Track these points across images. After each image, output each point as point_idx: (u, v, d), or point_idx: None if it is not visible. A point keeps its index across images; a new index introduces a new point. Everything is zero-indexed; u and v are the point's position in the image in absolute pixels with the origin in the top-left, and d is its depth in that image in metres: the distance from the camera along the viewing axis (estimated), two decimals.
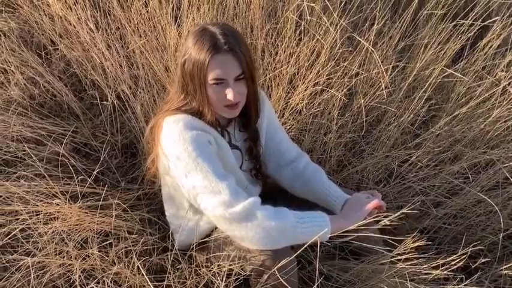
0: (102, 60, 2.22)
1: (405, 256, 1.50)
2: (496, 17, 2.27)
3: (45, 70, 2.26)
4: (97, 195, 1.76)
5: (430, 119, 2.39)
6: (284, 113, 2.18)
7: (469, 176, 2.01)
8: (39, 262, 1.51)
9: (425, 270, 1.52)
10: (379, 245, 1.60)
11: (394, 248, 1.54)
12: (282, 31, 2.27)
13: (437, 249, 1.96)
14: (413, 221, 2.01)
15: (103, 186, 1.76)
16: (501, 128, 2.18)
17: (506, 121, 2.18)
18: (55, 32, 2.41)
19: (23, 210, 1.57)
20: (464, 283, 1.52)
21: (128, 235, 1.66)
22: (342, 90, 2.17)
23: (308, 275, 1.70)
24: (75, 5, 2.37)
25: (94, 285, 1.47)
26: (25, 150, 1.84)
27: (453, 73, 2.12)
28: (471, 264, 1.72)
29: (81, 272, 1.51)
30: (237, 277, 1.45)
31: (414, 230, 1.91)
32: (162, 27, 2.29)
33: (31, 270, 1.47)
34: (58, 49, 2.40)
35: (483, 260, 1.73)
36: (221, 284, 1.42)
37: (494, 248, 1.96)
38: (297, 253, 1.36)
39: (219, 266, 1.46)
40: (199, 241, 1.55)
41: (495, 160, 2.07)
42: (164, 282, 1.50)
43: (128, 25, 2.32)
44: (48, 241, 1.56)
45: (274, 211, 1.35)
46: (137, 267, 1.51)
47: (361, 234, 1.43)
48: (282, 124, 2.07)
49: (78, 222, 1.62)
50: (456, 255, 1.51)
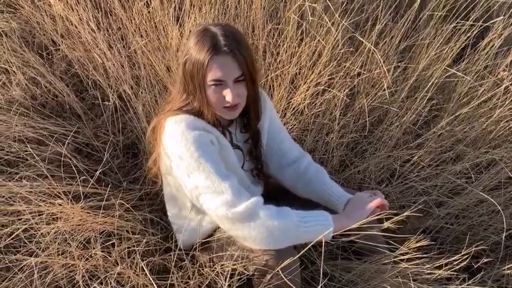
0: (103, 60, 2.22)
1: (408, 256, 1.50)
2: (498, 18, 2.27)
3: (46, 70, 2.26)
4: (99, 195, 1.76)
5: (432, 119, 2.39)
6: (286, 113, 2.18)
7: (472, 176, 2.01)
8: (42, 262, 1.51)
9: (428, 270, 1.52)
10: (381, 245, 1.59)
11: (397, 248, 1.54)
12: (284, 31, 2.27)
13: (439, 249, 1.96)
14: (415, 221, 2.01)
15: (105, 186, 1.76)
16: (503, 128, 2.19)
17: (508, 121, 2.18)
18: (56, 32, 2.41)
19: (26, 210, 1.57)
20: (467, 283, 1.52)
21: (131, 235, 1.65)
22: (344, 90, 2.17)
23: (311, 275, 1.69)
24: (76, 5, 2.37)
25: (97, 285, 1.47)
26: (27, 150, 1.84)
27: (455, 73, 2.12)
28: (473, 264, 1.72)
29: (84, 272, 1.51)
30: (240, 277, 1.45)
31: (417, 230, 1.91)
32: (164, 27, 2.29)
33: (34, 270, 1.47)
34: (59, 49, 2.40)
35: (485, 260, 1.73)
36: (224, 284, 1.42)
37: (496, 248, 1.96)
38: (301, 253, 1.36)
39: (222, 266, 1.46)
40: (202, 241, 1.55)
41: (497, 160, 2.07)
42: (167, 282, 1.50)
43: (130, 25, 2.32)
44: (51, 241, 1.56)
45: (276, 211, 1.35)
46: (141, 267, 1.51)
47: (365, 232, 1.43)
48: (284, 124, 2.07)
49: (80, 222, 1.62)
50: (459, 255, 1.51)
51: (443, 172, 2.08)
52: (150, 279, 1.45)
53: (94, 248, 1.57)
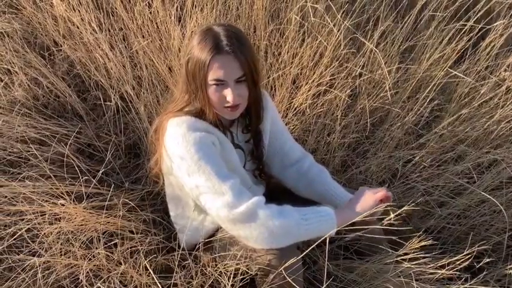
0: (105, 61, 2.22)
1: (410, 256, 1.50)
2: (499, 20, 2.27)
3: (48, 71, 2.26)
4: (101, 195, 1.76)
5: (434, 120, 2.39)
6: (288, 113, 2.19)
7: (473, 176, 2.01)
8: (45, 262, 1.51)
9: (430, 269, 1.52)
10: (383, 245, 1.60)
11: (399, 248, 1.54)
12: (285, 32, 2.27)
13: (441, 249, 1.96)
14: (417, 221, 2.01)
15: (107, 186, 1.76)
16: (505, 128, 2.19)
17: (509, 121, 2.19)
18: (58, 33, 2.42)
19: (29, 210, 1.57)
20: (469, 283, 1.52)
21: (133, 235, 1.66)
22: (346, 90, 2.18)
23: (313, 275, 1.69)
24: (78, 6, 2.37)
25: (101, 285, 1.47)
26: (29, 150, 1.84)
27: (457, 74, 2.13)
28: (475, 264, 1.72)
29: (87, 272, 1.51)
30: (243, 277, 1.45)
31: (419, 230, 1.91)
32: (166, 27, 2.29)
33: (37, 270, 1.47)
34: (61, 50, 2.40)
35: (487, 260, 1.73)
36: (227, 284, 1.43)
37: (498, 248, 1.96)
38: (304, 253, 1.36)
39: (225, 266, 1.46)
40: (204, 241, 1.55)
41: (499, 160, 2.07)
42: (171, 281, 1.50)
43: (132, 26, 2.33)
44: (53, 241, 1.56)
45: (277, 210, 1.35)
46: (144, 267, 1.51)
47: (368, 226, 1.43)
48: (286, 124, 2.08)
49: (83, 222, 1.62)
50: (461, 255, 1.51)
51: (445, 172, 2.08)
52: (154, 278, 1.45)
53: (97, 248, 1.57)
